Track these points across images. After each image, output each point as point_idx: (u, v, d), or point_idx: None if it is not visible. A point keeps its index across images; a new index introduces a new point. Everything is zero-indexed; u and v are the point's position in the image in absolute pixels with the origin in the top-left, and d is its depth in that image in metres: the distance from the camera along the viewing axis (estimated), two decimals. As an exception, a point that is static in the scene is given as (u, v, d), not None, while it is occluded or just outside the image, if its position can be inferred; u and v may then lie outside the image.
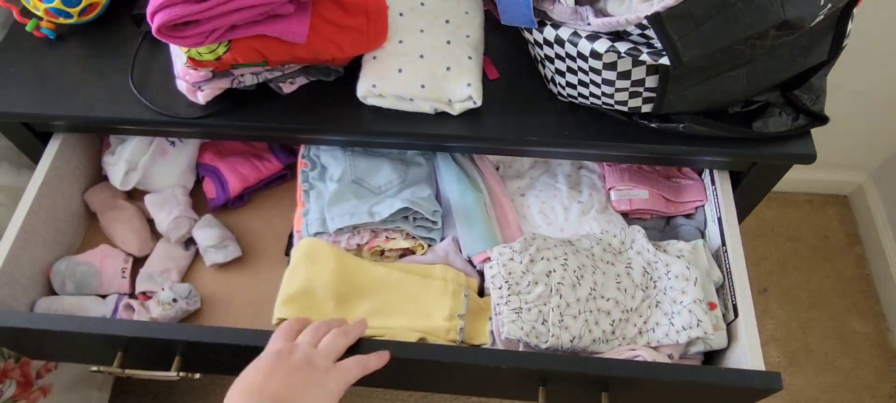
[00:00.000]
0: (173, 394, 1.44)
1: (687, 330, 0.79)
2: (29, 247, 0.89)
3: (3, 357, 1.03)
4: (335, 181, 0.91)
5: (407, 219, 0.91)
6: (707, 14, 0.65)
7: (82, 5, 0.91)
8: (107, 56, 0.92)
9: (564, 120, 0.86)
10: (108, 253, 0.96)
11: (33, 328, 0.76)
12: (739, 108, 0.83)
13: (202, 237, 0.96)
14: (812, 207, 1.77)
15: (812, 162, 0.84)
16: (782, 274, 1.66)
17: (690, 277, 0.83)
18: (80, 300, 0.92)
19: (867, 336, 1.57)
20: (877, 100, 1.44)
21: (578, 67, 0.77)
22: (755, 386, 0.73)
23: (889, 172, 1.62)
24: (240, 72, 0.83)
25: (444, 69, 0.84)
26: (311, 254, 0.86)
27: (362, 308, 0.85)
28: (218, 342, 0.75)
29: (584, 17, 0.73)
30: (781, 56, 0.75)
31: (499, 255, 0.85)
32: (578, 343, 0.80)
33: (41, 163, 0.92)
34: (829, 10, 0.70)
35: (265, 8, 0.73)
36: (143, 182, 1.00)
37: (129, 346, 0.80)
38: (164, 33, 0.72)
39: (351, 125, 0.86)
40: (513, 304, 0.80)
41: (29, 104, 0.87)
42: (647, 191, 0.95)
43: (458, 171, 0.96)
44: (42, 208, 0.90)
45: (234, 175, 1.01)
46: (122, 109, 0.86)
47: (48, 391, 1.10)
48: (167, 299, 0.90)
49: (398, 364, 0.76)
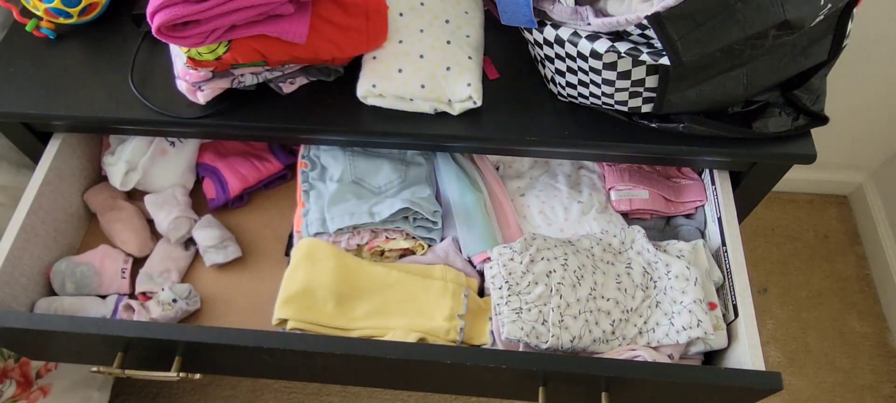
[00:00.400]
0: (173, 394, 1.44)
1: (687, 329, 0.79)
2: (29, 248, 0.89)
3: (3, 358, 1.03)
4: (335, 181, 0.91)
5: (407, 220, 0.91)
6: (707, 14, 0.65)
7: (82, 5, 0.91)
8: (107, 56, 0.92)
9: (564, 120, 0.86)
10: (108, 253, 0.96)
11: (33, 328, 0.76)
12: (739, 108, 0.83)
13: (202, 237, 0.96)
14: (812, 207, 1.77)
15: (812, 162, 0.84)
16: (782, 274, 1.66)
17: (690, 277, 0.83)
18: (79, 300, 0.92)
19: (867, 337, 1.57)
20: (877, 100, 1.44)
21: (578, 67, 0.77)
22: (755, 386, 0.73)
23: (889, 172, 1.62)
24: (240, 72, 0.83)
25: (444, 69, 0.84)
26: (311, 255, 0.86)
27: (362, 308, 0.85)
28: (218, 342, 0.75)
29: (584, 16, 0.73)
30: (781, 56, 0.75)
31: (499, 255, 0.85)
32: (578, 343, 0.80)
33: (41, 163, 0.92)
34: (829, 10, 0.70)
35: (265, 8, 0.73)
36: (142, 182, 1.00)
37: (128, 347, 0.80)
38: (164, 33, 0.72)
39: (351, 125, 0.86)
40: (513, 304, 0.80)
41: (29, 104, 0.87)
42: (647, 191, 0.95)
43: (458, 171, 0.96)
44: (42, 208, 0.90)
45: (233, 175, 1.01)
46: (122, 109, 0.86)
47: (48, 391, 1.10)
48: (167, 299, 0.90)
49: (398, 364, 0.76)
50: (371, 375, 0.88)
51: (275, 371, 0.92)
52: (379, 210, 0.88)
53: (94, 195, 1.00)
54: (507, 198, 0.96)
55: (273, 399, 1.43)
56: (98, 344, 0.80)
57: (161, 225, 0.97)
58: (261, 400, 1.44)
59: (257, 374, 0.96)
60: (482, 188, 0.96)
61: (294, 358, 0.79)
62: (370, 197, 0.91)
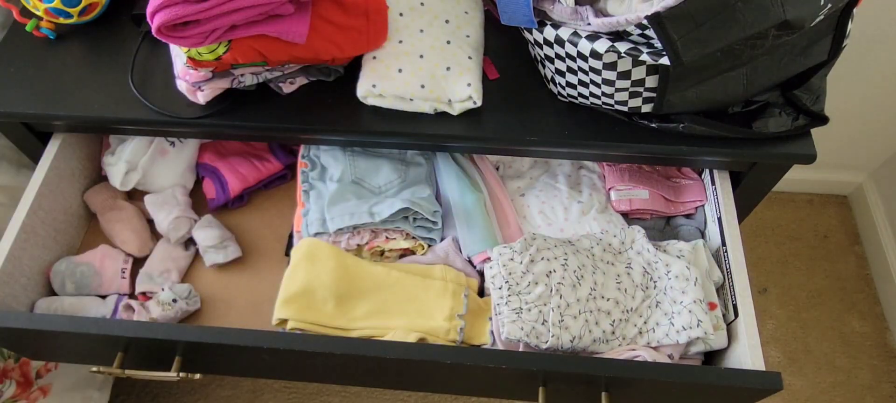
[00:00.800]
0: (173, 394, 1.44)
1: (687, 330, 0.79)
2: (28, 247, 0.89)
3: (3, 358, 1.03)
4: (335, 181, 0.91)
5: (407, 220, 0.90)
6: (707, 14, 0.65)
7: (82, 5, 0.91)
8: (106, 56, 0.92)
9: (564, 120, 0.86)
10: (108, 253, 0.96)
11: (33, 328, 0.76)
12: (739, 108, 0.83)
13: (202, 237, 0.96)
14: (812, 207, 1.77)
15: (812, 162, 0.84)
16: (782, 274, 1.66)
17: (690, 277, 0.83)
18: (79, 300, 0.92)
19: (867, 336, 1.57)
20: (877, 100, 1.44)
21: (578, 67, 0.77)
22: (755, 386, 0.73)
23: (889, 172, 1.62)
24: (240, 72, 0.83)
25: (444, 69, 0.84)
26: (311, 254, 0.86)
27: (362, 308, 0.85)
28: (218, 342, 0.75)
29: (584, 16, 0.73)
30: (781, 56, 0.75)
31: (499, 255, 0.85)
32: (578, 343, 0.80)
33: (41, 163, 0.92)
34: (829, 10, 0.70)
35: (265, 8, 0.73)
36: (142, 182, 1.00)
37: (128, 347, 0.80)
38: (164, 33, 0.72)
39: (351, 125, 0.86)
40: (513, 304, 0.80)
41: (29, 104, 0.87)
42: (647, 191, 0.95)
43: (458, 171, 0.96)
44: (42, 208, 0.90)
45: (233, 175, 1.01)
46: (122, 109, 0.86)
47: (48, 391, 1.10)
48: (167, 299, 0.90)
49: (398, 364, 0.76)
50: (371, 375, 0.88)
51: (275, 372, 0.92)
52: (379, 210, 0.88)
53: (94, 195, 1.00)
54: (507, 198, 0.96)
55: (273, 399, 1.44)
56: (98, 344, 0.80)
57: (161, 225, 0.97)
58: (261, 400, 1.44)
59: (257, 374, 0.96)
60: (482, 188, 0.96)
61: (294, 358, 0.79)
62: (370, 197, 0.91)
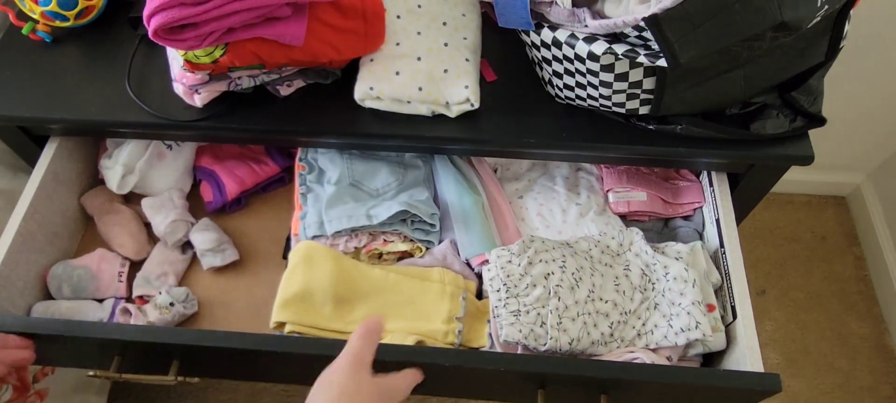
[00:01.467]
0: (171, 398, 1.44)
1: (685, 331, 0.79)
2: (25, 251, 0.88)
3: (0, 362, 1.02)
4: (333, 184, 0.91)
5: (405, 222, 0.90)
6: (704, 16, 0.65)
7: (78, 8, 0.91)
8: (103, 59, 0.92)
9: (562, 122, 0.86)
10: (105, 256, 0.96)
11: (30, 332, 0.76)
12: (737, 110, 0.83)
13: (199, 240, 0.96)
14: (810, 208, 1.77)
15: (810, 163, 0.84)
16: (781, 276, 1.66)
17: (689, 279, 0.82)
18: (76, 304, 0.92)
19: (866, 338, 1.57)
20: (874, 101, 1.45)
21: (576, 69, 0.77)
22: (754, 388, 0.73)
23: (887, 173, 1.62)
24: (237, 75, 0.83)
25: (441, 71, 0.84)
26: (309, 257, 0.86)
27: (360, 311, 0.85)
28: (216, 346, 0.75)
29: (581, 19, 0.73)
30: (779, 58, 0.75)
31: (497, 258, 0.84)
32: (577, 345, 0.80)
33: (37, 167, 0.92)
34: (826, 11, 0.70)
35: (262, 10, 0.73)
36: (139, 185, 1.00)
37: (126, 350, 0.80)
38: (161, 36, 0.71)
39: (348, 128, 0.86)
40: (511, 307, 0.80)
41: (25, 107, 0.87)
42: (646, 192, 0.95)
43: (455, 174, 0.96)
44: (38, 212, 0.90)
45: (231, 178, 1.01)
46: (119, 113, 0.86)
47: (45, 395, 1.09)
48: (164, 303, 0.90)
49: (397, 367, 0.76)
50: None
51: (273, 375, 0.92)
52: (377, 212, 0.88)
53: (90, 198, 1.00)
54: (505, 201, 0.96)
55: (271, 403, 1.43)
56: (95, 348, 0.80)
57: (158, 228, 0.97)
58: (259, 404, 1.43)
59: (255, 378, 0.96)
60: (480, 190, 0.96)
61: (292, 362, 0.79)
62: (368, 199, 0.91)
